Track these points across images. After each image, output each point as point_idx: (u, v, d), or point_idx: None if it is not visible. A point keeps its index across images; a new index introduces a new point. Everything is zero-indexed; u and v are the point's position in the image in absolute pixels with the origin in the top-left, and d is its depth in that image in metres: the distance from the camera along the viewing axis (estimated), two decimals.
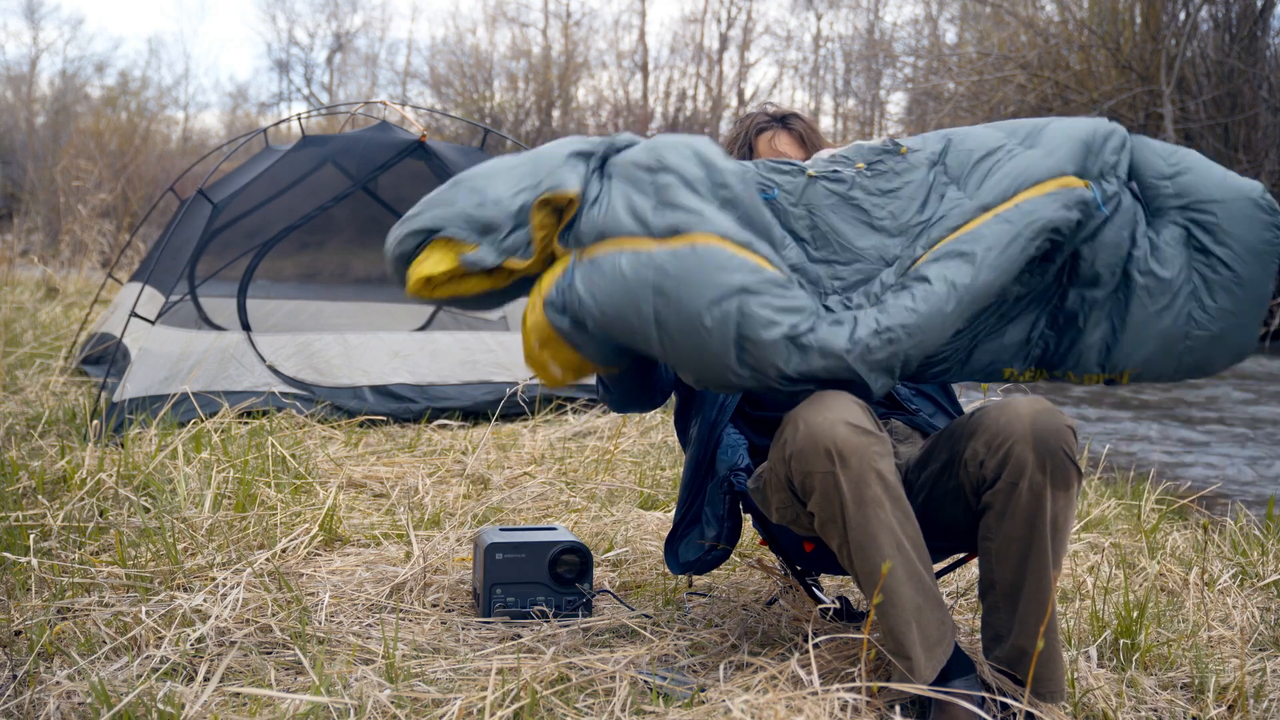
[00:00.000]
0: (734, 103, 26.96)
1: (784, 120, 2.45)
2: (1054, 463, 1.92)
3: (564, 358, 2.00)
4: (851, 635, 2.20)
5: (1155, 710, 2.18)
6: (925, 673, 1.91)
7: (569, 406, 5.10)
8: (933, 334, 1.90)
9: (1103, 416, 8.41)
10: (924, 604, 1.92)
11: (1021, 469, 1.92)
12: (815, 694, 1.89)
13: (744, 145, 2.47)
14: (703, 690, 2.04)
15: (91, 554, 2.70)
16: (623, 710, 1.96)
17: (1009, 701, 1.97)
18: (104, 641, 2.17)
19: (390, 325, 6.23)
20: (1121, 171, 2.02)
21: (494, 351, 5.20)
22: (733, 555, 2.70)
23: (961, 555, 2.34)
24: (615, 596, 2.62)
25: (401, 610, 2.51)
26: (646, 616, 2.49)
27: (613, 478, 3.83)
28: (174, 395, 4.35)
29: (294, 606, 2.42)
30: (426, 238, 1.96)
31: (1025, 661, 2.00)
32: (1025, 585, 1.98)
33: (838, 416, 1.89)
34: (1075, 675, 2.21)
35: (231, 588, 2.43)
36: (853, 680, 2.04)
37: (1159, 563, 3.04)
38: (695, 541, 2.39)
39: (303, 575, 2.70)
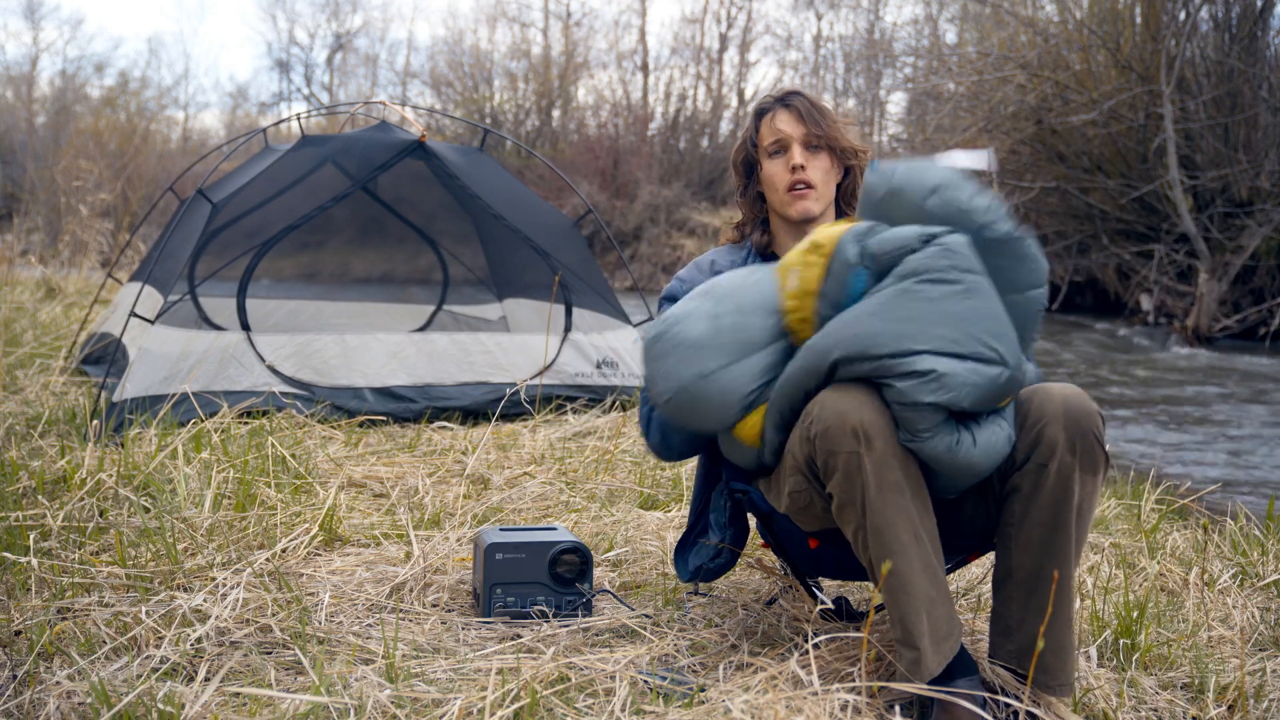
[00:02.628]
0: (734, 103, 26.95)
1: (784, 99, 2.43)
2: (1084, 445, 1.93)
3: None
4: (851, 635, 2.20)
5: (1155, 710, 2.18)
6: (932, 666, 1.90)
7: (569, 407, 5.10)
8: None
9: (1103, 416, 8.40)
10: (936, 597, 1.92)
11: (1052, 450, 1.93)
12: (815, 694, 1.89)
13: (750, 130, 2.47)
14: (703, 690, 2.04)
15: (91, 554, 2.70)
16: (623, 710, 1.95)
17: (1011, 702, 1.97)
18: (104, 641, 2.17)
19: (389, 326, 6.23)
20: None
21: (491, 353, 5.20)
22: None
23: (962, 556, 2.33)
24: (615, 596, 2.62)
25: (401, 610, 2.51)
26: (646, 616, 2.49)
27: (613, 478, 3.83)
28: (174, 395, 4.35)
29: (294, 606, 2.42)
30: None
31: (1035, 651, 1.99)
32: (1044, 572, 1.97)
33: (865, 399, 1.91)
34: (1075, 675, 2.20)
35: (231, 588, 2.43)
36: (853, 680, 2.04)
37: (1159, 563, 3.03)
38: (702, 547, 2.40)
39: (303, 575, 2.70)
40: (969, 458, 1.92)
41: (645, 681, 2.08)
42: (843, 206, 2.48)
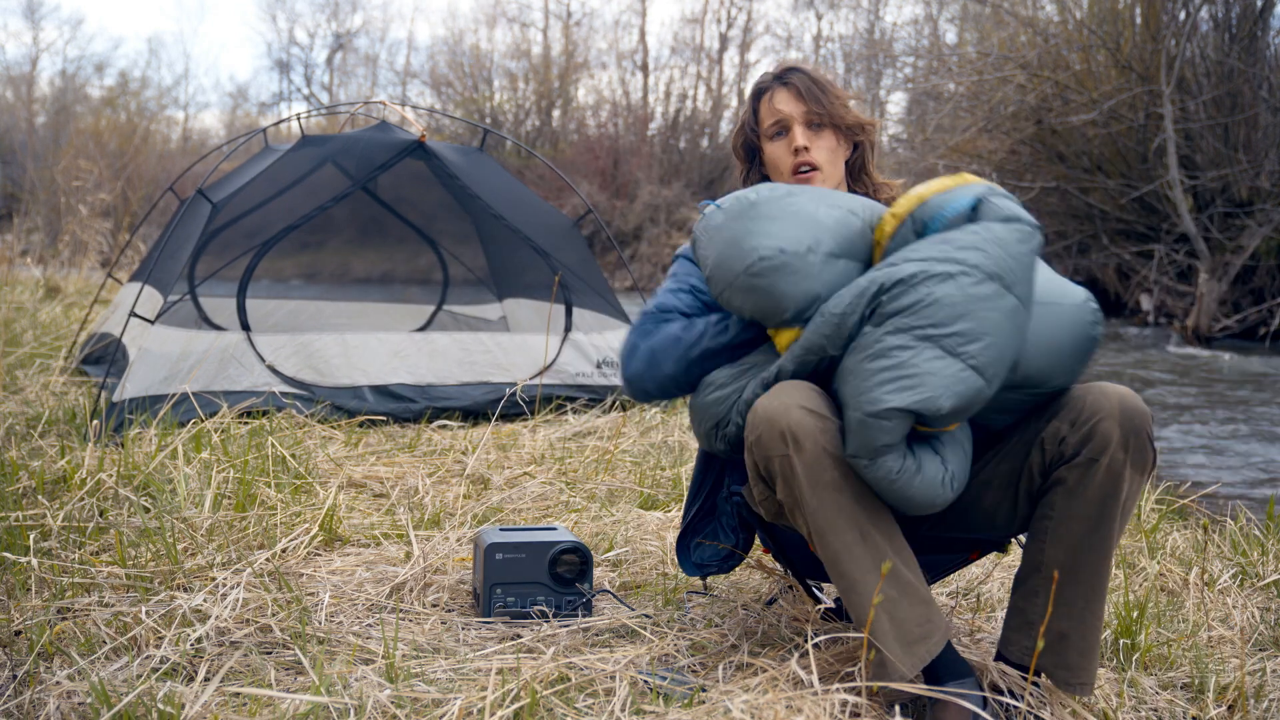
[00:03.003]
0: (734, 103, 26.95)
1: (782, 76, 2.28)
2: (1136, 443, 1.92)
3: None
4: (852, 635, 2.20)
5: (1155, 710, 2.18)
6: (903, 668, 1.86)
7: (569, 407, 5.10)
8: None
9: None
10: (898, 597, 1.88)
11: (1106, 445, 1.92)
12: (815, 694, 1.89)
13: (749, 112, 2.34)
14: (703, 690, 2.04)
15: (91, 554, 2.70)
16: (623, 710, 1.95)
17: (1015, 704, 1.95)
18: (104, 641, 2.17)
19: (390, 325, 6.24)
20: None
21: (492, 352, 5.20)
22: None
23: (964, 555, 2.32)
24: (615, 596, 2.62)
25: (401, 610, 2.51)
26: (646, 616, 2.49)
27: (613, 478, 3.83)
28: (174, 395, 4.35)
29: (294, 606, 2.42)
30: None
31: (1062, 646, 1.96)
32: (1081, 566, 1.95)
33: (793, 401, 1.88)
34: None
35: (231, 588, 2.43)
36: (853, 680, 2.03)
37: (1159, 563, 3.03)
38: (709, 544, 2.38)
39: (303, 575, 2.70)
40: (907, 489, 1.87)
41: (645, 681, 2.08)
42: (852, 184, 2.36)
